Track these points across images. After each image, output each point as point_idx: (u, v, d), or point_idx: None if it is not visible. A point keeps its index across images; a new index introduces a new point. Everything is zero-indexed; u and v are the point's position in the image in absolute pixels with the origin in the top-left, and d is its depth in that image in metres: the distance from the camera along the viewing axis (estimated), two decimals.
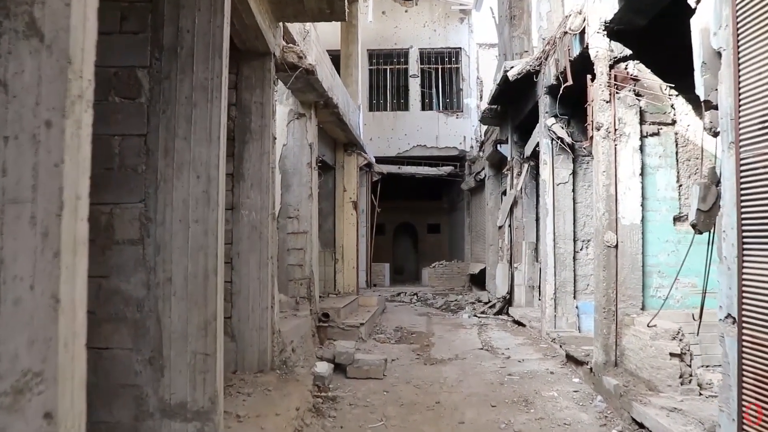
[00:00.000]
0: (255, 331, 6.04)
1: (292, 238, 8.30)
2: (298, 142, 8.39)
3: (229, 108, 6.12)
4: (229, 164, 6.09)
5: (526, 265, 11.70)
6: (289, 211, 8.33)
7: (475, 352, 8.57)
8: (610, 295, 6.40)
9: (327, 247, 11.57)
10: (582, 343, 8.05)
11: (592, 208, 9.27)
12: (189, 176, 3.96)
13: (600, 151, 6.49)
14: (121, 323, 3.92)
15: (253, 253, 6.07)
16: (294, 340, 7.07)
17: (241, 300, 6.05)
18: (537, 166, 11.73)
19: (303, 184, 8.34)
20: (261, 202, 6.11)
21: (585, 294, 9.25)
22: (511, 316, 11.58)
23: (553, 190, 9.19)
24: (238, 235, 6.07)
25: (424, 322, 11.57)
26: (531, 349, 8.78)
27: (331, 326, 8.71)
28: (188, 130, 3.98)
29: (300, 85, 7.62)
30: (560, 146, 9.12)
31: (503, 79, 10.17)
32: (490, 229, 14.38)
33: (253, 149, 6.14)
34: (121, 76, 4.00)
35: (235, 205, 6.10)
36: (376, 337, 9.41)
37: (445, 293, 16.86)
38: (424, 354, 8.38)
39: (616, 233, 6.38)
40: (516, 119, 11.67)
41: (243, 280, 6.05)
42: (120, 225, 3.94)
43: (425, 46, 19.15)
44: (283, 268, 8.29)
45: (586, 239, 9.27)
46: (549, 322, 9.11)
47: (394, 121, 18.78)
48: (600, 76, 6.53)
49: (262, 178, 6.12)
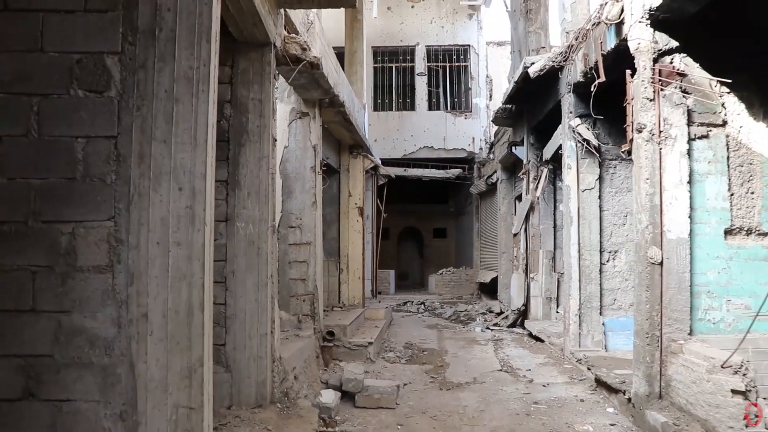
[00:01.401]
0: (252, 360, 5.31)
1: (294, 250, 7.56)
2: (301, 144, 7.66)
3: (222, 105, 5.40)
4: (222, 170, 5.37)
5: (543, 275, 10.96)
6: (291, 220, 7.59)
7: (494, 374, 7.83)
8: (653, 318, 5.65)
9: (331, 257, 10.81)
10: (612, 366, 7.31)
11: (618, 216, 8.55)
12: (169, 188, 3.23)
13: (642, 156, 5.75)
14: (86, 370, 3.18)
15: (250, 271, 5.33)
16: (296, 366, 6.32)
17: (237, 325, 5.32)
18: (555, 170, 11.01)
19: (306, 190, 7.60)
20: (259, 212, 5.37)
21: (612, 309, 8.51)
22: (527, 329, 10.83)
23: (578, 197, 8.44)
24: (233, 251, 5.34)
25: (435, 337, 10.82)
26: (554, 371, 8.03)
27: (337, 346, 7.97)
28: (169, 132, 3.24)
29: (303, 81, 6.88)
30: (586, 149, 8.38)
31: (522, 76, 9.43)
32: (503, 236, 13.63)
33: (251, 153, 5.40)
34: (85, 64, 3.26)
35: (229, 216, 5.36)
36: (386, 356, 8.66)
37: (454, 302, 16.11)
38: (438, 376, 7.64)
39: (661, 248, 5.64)
40: (533, 120, 10.93)
41: (239, 303, 5.32)
42: (84, 248, 3.20)
43: (432, 43, 18.36)
44: (284, 282, 7.55)
45: (613, 250, 8.53)
46: (573, 340, 8.37)
47: (400, 121, 18.01)
48: (642, 71, 5.78)
49: (260, 186, 5.38)
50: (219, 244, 5.34)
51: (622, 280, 8.55)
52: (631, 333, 8.44)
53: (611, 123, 8.59)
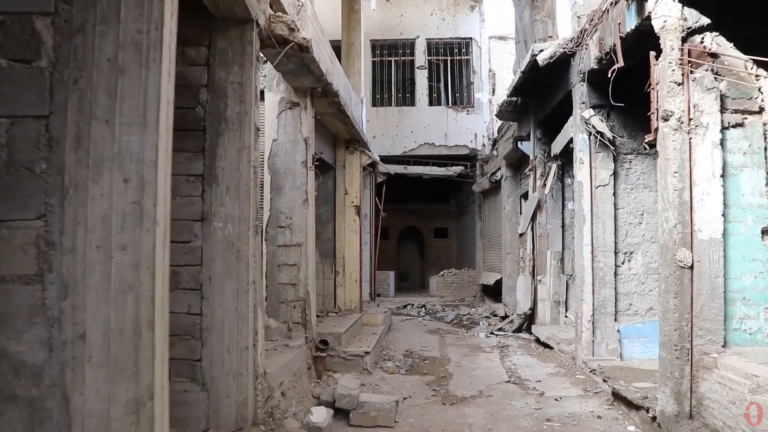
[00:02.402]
0: (232, 377, 4.69)
1: (283, 252, 6.94)
2: (291, 137, 7.03)
3: (197, 90, 4.80)
4: (197, 163, 4.77)
5: (551, 277, 10.35)
6: (280, 220, 6.96)
7: (501, 386, 7.21)
8: (683, 328, 5.04)
9: (326, 259, 10.19)
10: (630, 378, 6.70)
11: (634, 215, 7.93)
12: (112, 179, 2.63)
13: (670, 147, 5.13)
14: (9, 403, 2.58)
15: (229, 277, 4.72)
16: (284, 380, 5.71)
17: (214, 338, 4.70)
18: (563, 166, 10.39)
19: (297, 186, 6.97)
20: (239, 210, 4.76)
21: (627, 315, 7.90)
22: (534, 335, 10.22)
23: (591, 194, 7.83)
24: (209, 254, 4.73)
25: (437, 343, 10.19)
26: (566, 382, 7.42)
27: (331, 355, 7.36)
28: (112, 109, 2.64)
29: (292, 67, 6.27)
30: (600, 142, 7.76)
31: (530, 65, 8.81)
32: (508, 236, 13.00)
33: (230, 143, 4.79)
34: (10, 27, 2.66)
35: (205, 215, 4.75)
36: (384, 365, 8.04)
37: (456, 305, 15.49)
38: (441, 389, 7.02)
39: (691, 250, 5.03)
40: (540, 113, 10.31)
41: (216, 313, 4.71)
42: (7, 254, 2.60)
43: (433, 36, 17.66)
44: (273, 288, 6.94)
45: (629, 251, 7.91)
46: (585, 349, 7.75)
47: (399, 117, 17.34)
48: (669, 52, 5.17)
49: (240, 180, 4.77)
50: (194, 247, 4.74)
51: (638, 284, 7.93)
52: (648, 341, 7.89)
53: (626, 114, 7.99)
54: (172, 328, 4.74)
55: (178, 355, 4.72)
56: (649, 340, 7.81)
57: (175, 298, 4.72)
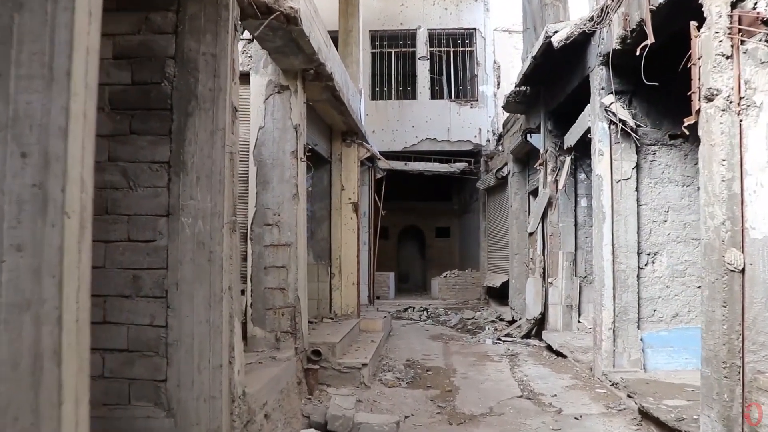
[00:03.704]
0: (202, 401, 3.97)
1: (270, 253, 6.20)
2: (280, 124, 6.30)
3: (163, 62, 4.08)
4: (162, 148, 4.05)
5: (563, 280, 9.61)
6: (267, 217, 6.23)
7: (513, 402, 6.48)
8: (733, 342, 4.30)
9: (321, 260, 9.44)
10: (659, 393, 5.98)
11: (659, 212, 7.22)
12: (5, 154, 1.89)
13: (716, 131, 4.40)
14: None
15: (199, 282, 4.00)
16: (269, 400, 4.98)
17: (182, 354, 3.98)
18: (575, 161, 9.66)
19: (286, 180, 6.23)
20: (212, 204, 4.04)
21: (651, 322, 7.18)
22: (546, 341, 9.48)
23: (612, 189, 7.10)
24: (176, 255, 4.00)
25: (441, 351, 9.46)
26: (585, 396, 6.69)
27: (324, 367, 6.63)
28: (5, 59, 1.91)
29: (279, 43, 5.53)
30: (621, 132, 7.03)
31: (543, 49, 8.08)
32: (515, 235, 12.25)
33: (201, 125, 4.06)
34: None
35: (172, 209, 4.03)
36: (383, 377, 7.30)
37: (459, 308, 14.75)
38: (446, 406, 6.29)
39: (742, 251, 4.29)
40: (551, 103, 9.58)
41: (184, 325, 3.98)
42: None
43: (435, 26, 16.87)
44: (258, 293, 6.20)
45: (653, 251, 7.19)
46: (606, 359, 7.02)
47: (400, 111, 16.57)
48: (716, 20, 4.43)
49: (213, 169, 4.05)
50: (158, 247, 4.01)
51: (663, 288, 7.21)
52: (674, 350, 7.15)
53: (650, 101, 7.27)
54: (132, 343, 4.02)
55: (139, 374, 4.00)
56: (675, 349, 7.10)
57: (136, 308, 4.01)
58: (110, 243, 4.03)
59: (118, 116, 4.09)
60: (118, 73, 4.11)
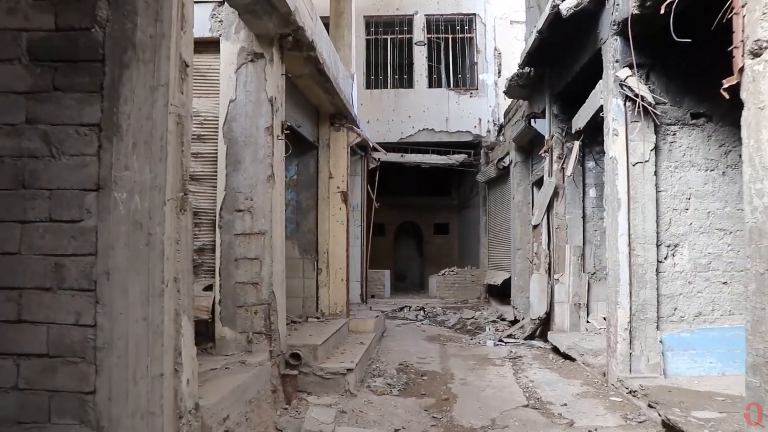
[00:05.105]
0: (139, 417, 3.22)
1: (242, 243, 5.44)
2: (253, 97, 5.54)
3: (94, 4, 3.35)
4: (91, 107, 3.32)
5: (570, 276, 8.86)
6: (238, 202, 5.47)
7: (518, 412, 5.72)
8: None
9: (307, 254, 8.66)
10: (686, 403, 5.25)
11: (680, 199, 6.49)
12: None
13: (765, 91, 3.65)
14: None
15: (136, 272, 3.25)
16: (231, 413, 4.22)
17: (114, 360, 3.23)
18: (584, 147, 8.91)
19: (259, 159, 5.47)
20: (152, 176, 3.29)
21: (672, 322, 6.44)
22: (552, 343, 8.74)
23: (628, 173, 6.36)
24: (108, 238, 3.25)
25: (437, 353, 8.69)
26: (599, 405, 5.93)
27: (304, 373, 5.86)
28: None
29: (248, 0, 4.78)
30: (638, 110, 6.29)
31: (549, 20, 7.35)
32: (518, 229, 11.48)
33: (139, 80, 3.32)
34: None
35: (103, 183, 3.27)
36: (372, 384, 6.53)
37: (458, 307, 13.99)
38: (443, 417, 5.53)
39: None
40: (557, 85, 8.83)
41: (117, 324, 3.23)
42: None
43: (433, 11, 16.02)
44: (228, 288, 5.44)
45: (673, 243, 6.45)
46: (621, 363, 6.28)
47: (396, 100, 15.76)
48: None
49: (154, 133, 3.30)
50: (85, 228, 3.26)
51: (684, 284, 6.47)
52: (696, 354, 6.39)
53: (668, 76, 6.55)
54: (53, 347, 3.26)
55: (61, 385, 3.24)
56: (698, 352, 6.36)
57: (58, 303, 3.25)
58: (27, 224, 3.28)
59: (39, 69, 3.34)
60: (39, 16, 3.36)
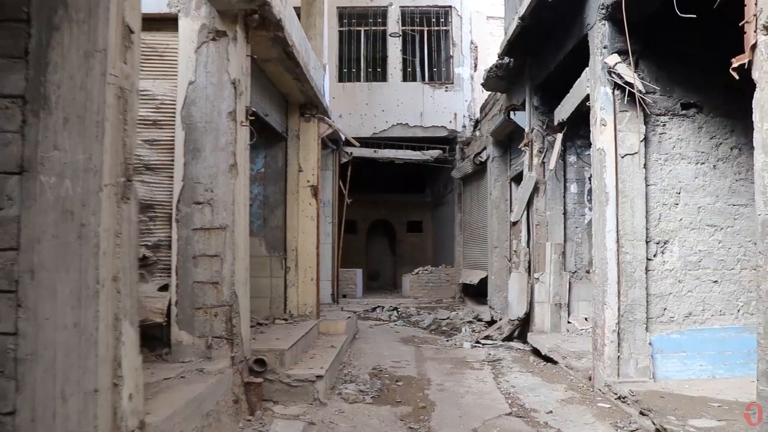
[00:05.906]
0: None
1: (201, 239, 4.94)
2: (215, 79, 5.04)
3: None
4: (15, 75, 2.84)
5: (551, 275, 8.51)
6: (197, 193, 4.97)
7: (501, 421, 5.32)
8: None
9: (275, 251, 8.16)
10: (680, 410, 4.93)
11: (669, 193, 6.19)
12: None
13: None
14: None
15: (65, 269, 2.75)
16: (186, 429, 3.73)
17: (39, 374, 2.73)
18: (565, 140, 8.55)
19: (221, 147, 4.98)
20: (85, 157, 2.79)
21: (661, 323, 6.12)
22: (531, 344, 8.38)
23: (616, 165, 6.00)
24: (32, 230, 2.75)
25: (412, 356, 8.26)
26: (586, 413, 5.56)
27: (270, 380, 5.38)
28: None
29: None
30: (627, 99, 5.95)
31: (532, 6, 6.98)
32: (495, 227, 11.11)
33: (72, 44, 2.82)
34: None
35: (27, 164, 2.78)
36: (343, 391, 6.07)
37: (432, 307, 13.60)
38: (420, 427, 5.10)
39: None
40: (539, 76, 8.47)
41: (43, 332, 2.73)
42: None
43: (408, 3, 15.57)
44: (185, 288, 4.94)
45: (663, 240, 6.13)
46: (609, 368, 5.93)
47: (369, 94, 15.31)
48: None
49: (88, 106, 2.81)
50: (6, 218, 2.76)
51: (674, 282, 6.15)
52: (686, 356, 6.07)
53: (659, 65, 6.22)
54: None
55: None
56: (688, 355, 6.07)
57: None
58: None
59: None
60: None
